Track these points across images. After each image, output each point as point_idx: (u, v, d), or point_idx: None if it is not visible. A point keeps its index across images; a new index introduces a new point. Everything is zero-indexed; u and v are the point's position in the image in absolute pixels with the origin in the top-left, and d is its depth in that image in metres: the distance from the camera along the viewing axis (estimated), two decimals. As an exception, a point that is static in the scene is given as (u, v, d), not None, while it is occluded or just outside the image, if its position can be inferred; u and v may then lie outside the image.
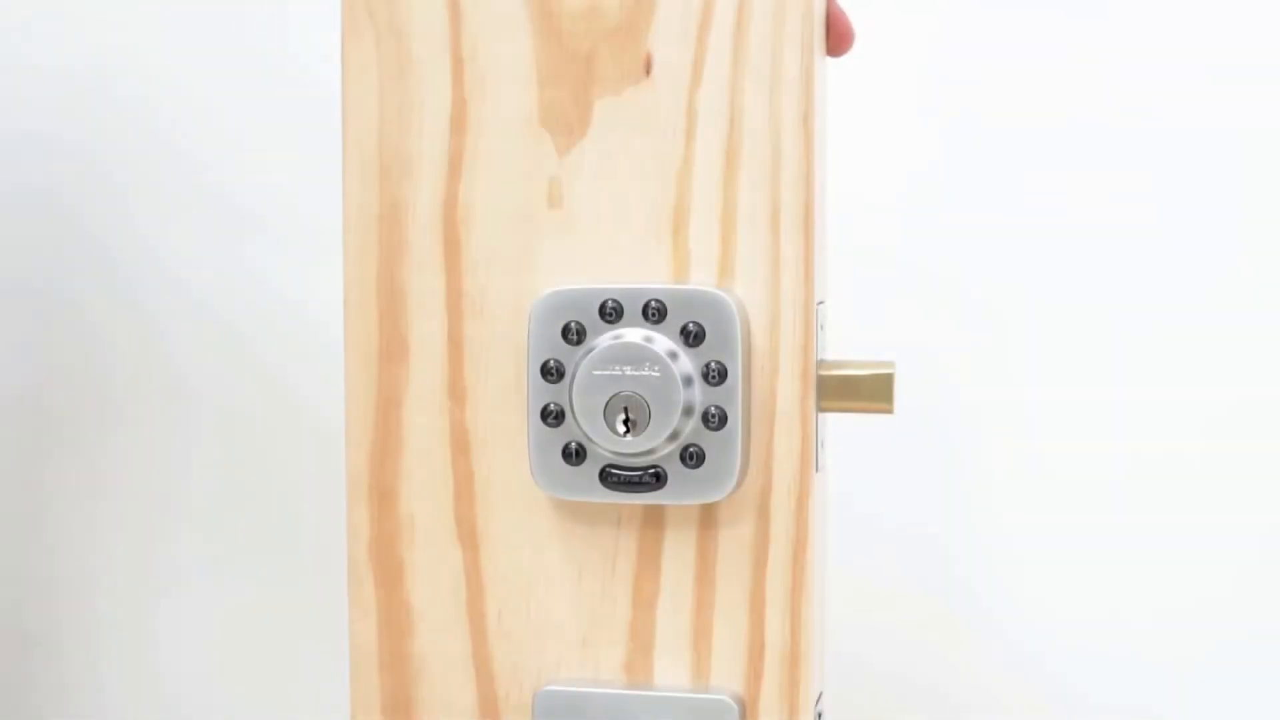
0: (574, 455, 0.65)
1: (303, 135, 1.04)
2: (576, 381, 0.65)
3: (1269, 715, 1.00)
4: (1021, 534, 1.01)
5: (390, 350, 0.68)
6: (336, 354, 0.69)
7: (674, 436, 0.64)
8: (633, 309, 0.65)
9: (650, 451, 0.64)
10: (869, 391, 0.65)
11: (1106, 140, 0.99)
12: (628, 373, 0.64)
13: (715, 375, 0.64)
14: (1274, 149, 0.98)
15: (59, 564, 1.15)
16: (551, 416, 0.65)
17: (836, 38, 0.67)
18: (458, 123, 0.67)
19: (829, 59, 0.68)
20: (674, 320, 0.64)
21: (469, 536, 0.68)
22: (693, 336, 0.64)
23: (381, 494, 0.68)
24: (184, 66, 1.10)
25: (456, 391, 0.68)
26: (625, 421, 0.64)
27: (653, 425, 0.64)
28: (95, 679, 1.13)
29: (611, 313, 0.65)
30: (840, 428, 0.71)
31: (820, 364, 0.66)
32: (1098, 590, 1.00)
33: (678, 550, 0.66)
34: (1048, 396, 1.01)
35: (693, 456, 0.64)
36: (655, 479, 0.65)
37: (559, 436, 0.65)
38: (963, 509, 1.02)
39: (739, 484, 0.65)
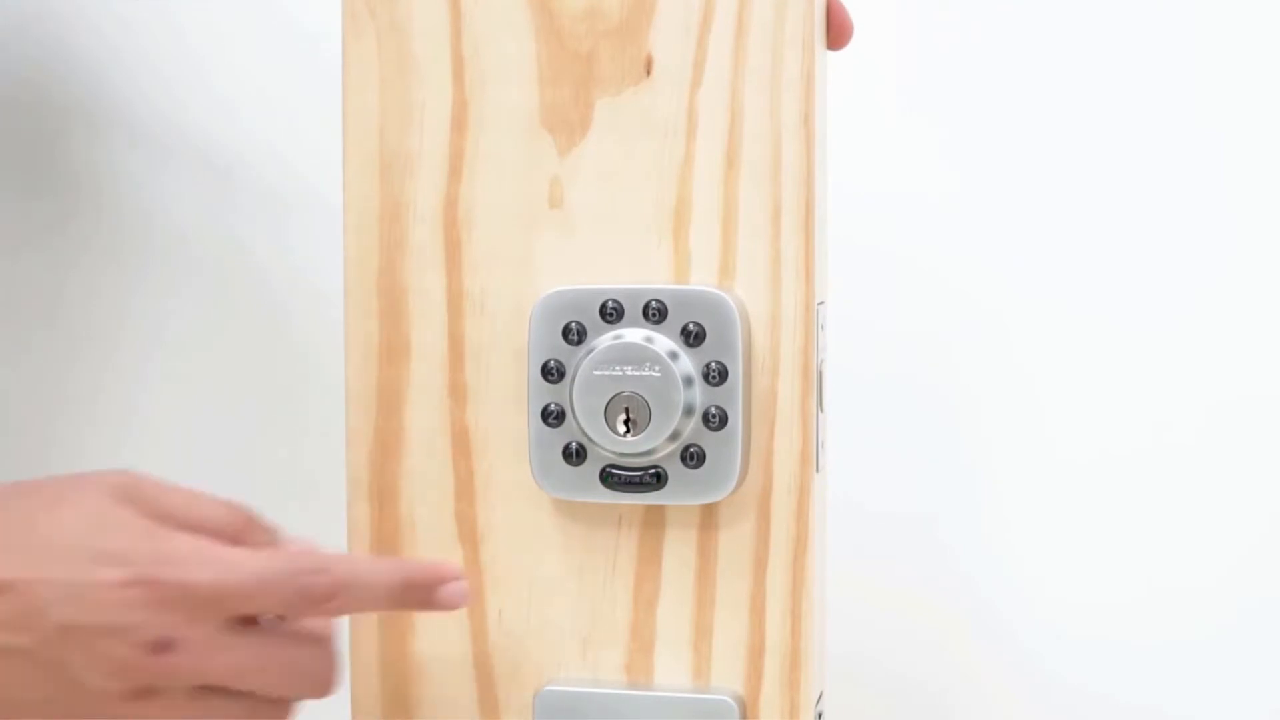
0: (574, 455, 0.65)
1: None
2: (577, 381, 0.64)
3: (1274, 712, 1.00)
4: (1026, 533, 1.01)
5: (390, 350, 0.68)
6: (336, 353, 0.69)
7: (674, 436, 0.64)
8: (633, 309, 0.65)
9: (651, 452, 0.64)
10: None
11: (1108, 135, 0.99)
12: (628, 373, 0.64)
13: (715, 375, 0.64)
14: (1275, 139, 0.97)
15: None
16: (552, 416, 0.65)
17: (836, 31, 0.67)
18: (458, 122, 0.67)
19: (828, 52, 0.67)
20: (674, 320, 0.64)
21: (469, 536, 0.68)
22: (693, 337, 0.64)
23: (382, 494, 0.68)
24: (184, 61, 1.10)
25: (457, 391, 0.68)
26: (626, 422, 0.64)
27: (653, 425, 0.64)
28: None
29: (612, 313, 0.65)
30: (841, 427, 0.71)
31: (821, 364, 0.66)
32: (1105, 588, 1.00)
33: (678, 550, 0.66)
34: (1051, 394, 1.00)
35: (693, 457, 0.64)
36: (655, 479, 0.65)
37: (560, 436, 0.65)
38: (964, 508, 1.02)
39: (739, 484, 0.65)
